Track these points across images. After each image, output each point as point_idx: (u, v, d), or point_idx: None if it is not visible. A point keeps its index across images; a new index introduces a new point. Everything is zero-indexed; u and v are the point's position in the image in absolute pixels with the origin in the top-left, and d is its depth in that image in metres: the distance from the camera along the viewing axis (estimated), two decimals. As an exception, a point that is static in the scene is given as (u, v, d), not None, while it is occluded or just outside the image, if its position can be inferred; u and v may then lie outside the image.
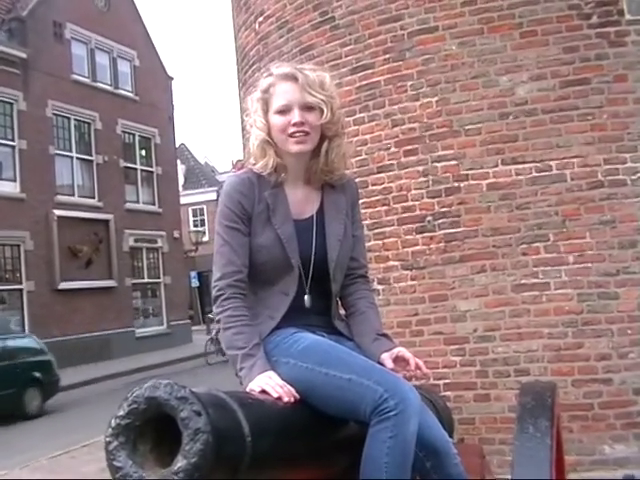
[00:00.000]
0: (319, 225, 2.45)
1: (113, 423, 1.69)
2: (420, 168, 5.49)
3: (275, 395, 2.09)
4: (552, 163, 5.12)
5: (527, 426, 2.36)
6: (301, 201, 2.47)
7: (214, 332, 20.43)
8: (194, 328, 32.14)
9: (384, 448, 2.03)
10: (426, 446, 2.20)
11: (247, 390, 2.16)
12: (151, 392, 1.68)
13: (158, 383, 1.69)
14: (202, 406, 1.63)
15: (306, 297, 2.41)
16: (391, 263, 5.60)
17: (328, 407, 2.16)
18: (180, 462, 1.60)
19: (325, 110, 2.41)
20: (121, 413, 1.69)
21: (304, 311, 2.39)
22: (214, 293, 2.34)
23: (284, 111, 2.40)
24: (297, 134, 2.38)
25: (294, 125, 2.38)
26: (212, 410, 1.65)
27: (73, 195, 24.24)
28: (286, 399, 2.10)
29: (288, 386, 2.14)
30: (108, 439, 1.69)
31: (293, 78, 2.42)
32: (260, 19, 6.80)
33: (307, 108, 2.40)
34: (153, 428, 1.71)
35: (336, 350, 2.25)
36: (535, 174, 5.14)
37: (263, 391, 2.12)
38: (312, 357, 2.21)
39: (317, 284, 2.42)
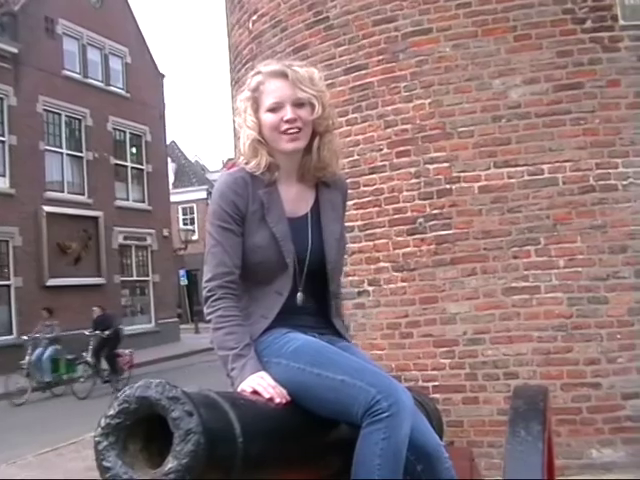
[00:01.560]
0: (314, 223, 2.44)
1: (103, 422, 1.67)
2: (412, 170, 5.49)
3: (267, 396, 2.08)
4: (544, 167, 5.13)
5: (519, 430, 2.35)
6: (295, 199, 2.45)
7: (27, 358, 15.79)
8: (182, 326, 32.13)
9: (376, 450, 2.02)
10: (417, 449, 2.18)
11: (238, 391, 2.14)
12: (142, 392, 1.66)
13: (149, 382, 1.67)
14: (194, 406, 1.61)
15: (299, 295, 2.39)
16: (382, 264, 5.60)
17: (320, 408, 2.14)
18: (171, 463, 1.58)
19: (317, 105, 2.39)
20: (111, 412, 1.67)
21: (296, 311, 2.37)
22: (205, 294, 2.32)
23: (275, 108, 2.38)
24: (290, 131, 2.36)
25: (287, 122, 2.35)
26: (204, 410, 1.64)
27: (63, 191, 24.14)
28: (278, 400, 2.08)
29: (280, 387, 2.12)
30: (98, 439, 1.66)
31: (283, 75, 2.40)
32: (254, 18, 6.79)
33: (298, 104, 2.38)
34: (143, 428, 1.69)
35: (328, 351, 2.23)
36: (527, 177, 5.15)
37: (255, 392, 2.10)
38: (304, 358, 2.19)
39: (310, 283, 2.40)
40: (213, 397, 1.79)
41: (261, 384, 2.11)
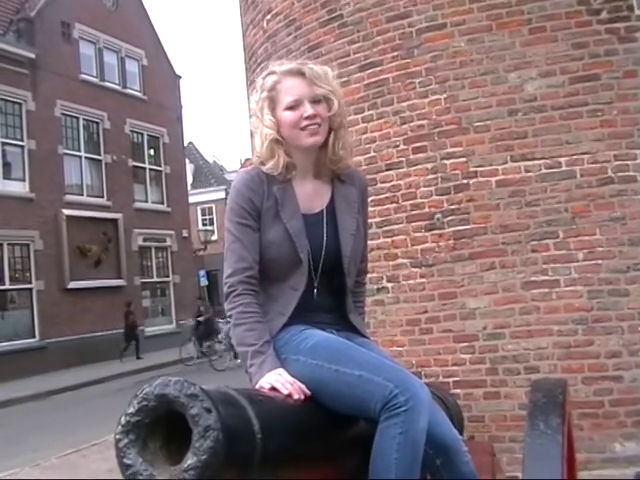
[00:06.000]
0: (329, 219, 2.45)
1: (123, 420, 1.68)
2: (429, 165, 5.46)
3: (285, 392, 2.09)
4: (561, 160, 5.09)
5: (538, 423, 2.35)
6: (310, 195, 2.46)
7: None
8: (203, 327, 32.12)
9: (394, 444, 2.02)
10: (436, 443, 2.19)
11: (257, 387, 2.16)
12: (161, 389, 1.67)
13: (168, 380, 1.68)
14: (212, 403, 1.62)
15: (315, 291, 2.40)
16: (400, 261, 5.58)
17: (338, 404, 2.15)
18: (190, 459, 1.59)
19: (334, 101, 2.42)
20: (131, 410, 1.68)
21: (313, 308, 2.39)
22: (225, 290, 2.34)
23: (294, 106, 2.41)
24: (311, 126, 2.38)
25: (307, 118, 2.38)
26: (222, 407, 1.64)
27: (82, 194, 24.32)
28: (296, 396, 2.09)
29: (298, 383, 2.13)
30: (118, 437, 1.68)
31: (300, 73, 2.43)
32: (268, 17, 6.79)
33: (316, 101, 2.41)
34: (163, 425, 1.70)
35: (346, 347, 2.24)
36: (544, 171, 5.12)
37: (273, 388, 2.11)
38: (322, 354, 2.20)
39: (326, 280, 2.42)
40: (231, 394, 1.79)
41: (279, 380, 2.12)
